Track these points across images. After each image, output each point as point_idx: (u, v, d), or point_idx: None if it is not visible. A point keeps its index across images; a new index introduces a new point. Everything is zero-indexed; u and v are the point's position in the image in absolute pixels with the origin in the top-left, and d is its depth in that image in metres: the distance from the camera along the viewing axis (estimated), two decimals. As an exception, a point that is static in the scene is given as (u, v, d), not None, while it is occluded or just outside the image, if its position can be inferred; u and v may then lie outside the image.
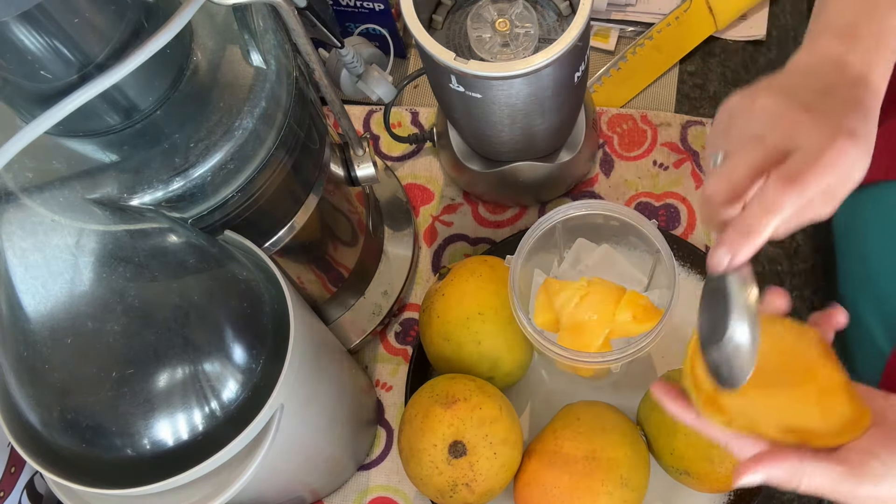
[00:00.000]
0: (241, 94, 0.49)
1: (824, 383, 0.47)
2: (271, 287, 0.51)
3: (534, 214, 0.82)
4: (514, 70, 0.58)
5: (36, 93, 0.43)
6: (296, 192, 0.57)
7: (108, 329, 0.45)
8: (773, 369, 0.47)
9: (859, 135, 0.42)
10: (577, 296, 0.61)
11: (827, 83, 0.44)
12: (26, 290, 0.45)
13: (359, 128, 0.87)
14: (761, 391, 0.46)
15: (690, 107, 0.84)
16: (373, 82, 0.71)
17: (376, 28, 0.84)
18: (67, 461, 0.45)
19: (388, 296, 0.76)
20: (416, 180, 0.84)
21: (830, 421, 0.45)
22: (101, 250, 0.45)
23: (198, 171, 0.47)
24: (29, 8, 0.38)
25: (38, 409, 0.45)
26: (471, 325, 0.66)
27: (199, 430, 0.46)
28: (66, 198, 0.46)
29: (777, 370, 0.47)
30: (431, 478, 0.62)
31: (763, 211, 0.41)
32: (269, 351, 0.49)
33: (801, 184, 0.40)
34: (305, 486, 0.67)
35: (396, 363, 0.77)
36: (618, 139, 0.82)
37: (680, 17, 0.85)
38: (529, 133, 0.68)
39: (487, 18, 0.64)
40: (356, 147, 0.64)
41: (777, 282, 0.75)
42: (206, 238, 0.49)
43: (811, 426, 0.45)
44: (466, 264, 0.69)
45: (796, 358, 0.48)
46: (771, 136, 0.42)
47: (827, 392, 0.46)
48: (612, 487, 0.60)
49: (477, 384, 0.64)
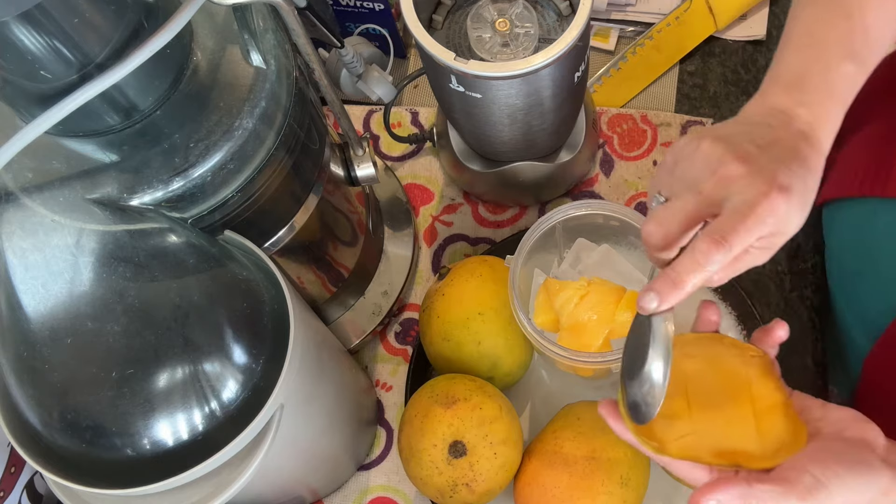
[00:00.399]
0: (241, 94, 0.49)
1: (761, 404, 0.47)
2: (271, 287, 0.51)
3: (534, 214, 0.82)
4: (514, 70, 0.58)
5: (36, 93, 0.43)
6: (296, 192, 0.57)
7: (108, 329, 0.45)
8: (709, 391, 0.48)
9: (793, 190, 0.43)
10: (577, 296, 0.61)
11: (773, 136, 0.45)
12: (26, 290, 0.45)
13: (359, 128, 0.87)
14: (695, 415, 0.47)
15: (690, 107, 0.84)
16: (373, 82, 0.71)
17: (376, 28, 0.84)
18: (67, 461, 0.45)
19: (388, 296, 0.76)
20: (416, 180, 0.84)
21: (766, 443, 0.45)
22: (101, 250, 0.45)
23: (198, 171, 0.47)
24: (29, 8, 0.38)
25: (38, 409, 0.45)
26: (471, 325, 0.66)
27: (199, 430, 0.46)
28: (66, 198, 0.46)
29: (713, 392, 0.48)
30: (431, 478, 0.62)
31: (692, 266, 0.43)
32: (269, 351, 0.49)
33: (728, 243, 0.42)
34: (305, 486, 0.67)
35: (396, 363, 0.77)
36: (618, 139, 0.82)
37: (680, 17, 0.85)
38: (529, 133, 0.68)
39: (487, 18, 0.64)
40: (356, 147, 0.64)
41: (777, 282, 0.75)
42: (206, 238, 0.49)
43: (746, 449, 0.45)
44: (466, 264, 0.69)
45: (733, 379, 0.48)
46: (707, 186, 0.44)
47: (763, 413, 0.46)
48: (612, 487, 0.60)
49: (477, 384, 0.64)
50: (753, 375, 0.48)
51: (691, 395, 0.47)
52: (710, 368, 0.48)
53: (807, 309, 0.75)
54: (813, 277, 0.75)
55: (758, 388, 0.47)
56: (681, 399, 0.47)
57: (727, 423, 0.46)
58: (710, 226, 0.43)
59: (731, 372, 0.48)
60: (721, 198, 0.43)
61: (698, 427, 0.46)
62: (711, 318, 0.51)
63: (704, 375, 0.48)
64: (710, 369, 0.48)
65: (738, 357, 0.49)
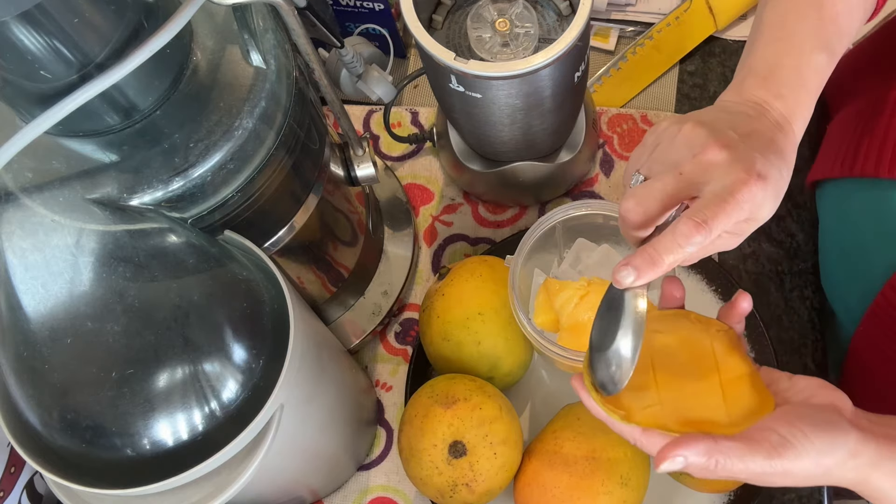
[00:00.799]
0: (241, 94, 0.49)
1: (727, 375, 0.47)
2: (271, 287, 0.51)
3: (534, 214, 0.82)
4: (514, 70, 0.58)
5: (36, 93, 0.43)
6: (296, 192, 0.57)
7: (108, 329, 0.45)
8: (675, 363, 0.48)
9: (770, 179, 0.44)
10: (577, 296, 0.61)
11: (751, 125, 0.47)
12: (26, 290, 0.45)
13: (359, 128, 0.87)
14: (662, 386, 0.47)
15: (690, 107, 0.84)
16: (373, 82, 0.71)
17: (376, 28, 0.84)
18: (67, 461, 0.45)
19: (387, 296, 0.76)
20: (416, 180, 0.84)
21: (733, 411, 0.46)
22: (101, 250, 0.45)
23: (198, 171, 0.47)
24: (29, 8, 0.38)
25: (38, 409, 0.45)
26: (471, 325, 0.66)
27: (199, 430, 0.46)
28: (66, 198, 0.46)
29: (680, 364, 0.48)
30: (431, 478, 0.62)
31: (672, 245, 0.44)
32: (269, 351, 0.49)
33: (709, 226, 0.43)
34: (305, 486, 0.67)
35: (396, 363, 0.77)
36: (618, 139, 0.82)
37: (680, 17, 0.85)
38: (529, 133, 0.68)
39: (487, 18, 0.64)
40: (356, 147, 0.64)
41: (777, 281, 0.75)
42: (206, 238, 0.49)
43: (713, 418, 0.46)
44: (466, 264, 0.69)
45: (700, 352, 0.49)
46: (688, 168, 0.45)
47: (730, 383, 0.47)
48: (612, 487, 0.60)
49: (477, 384, 0.64)
50: (719, 349, 0.49)
51: (658, 367, 0.48)
52: (676, 342, 0.49)
53: (807, 309, 0.75)
54: (813, 277, 0.76)
55: (724, 360, 0.48)
56: (647, 371, 0.48)
57: (694, 393, 0.47)
58: (691, 208, 0.44)
59: (697, 345, 0.49)
60: (701, 181, 0.44)
61: (664, 396, 0.46)
62: (675, 294, 0.52)
63: (671, 348, 0.49)
64: (677, 343, 0.49)
65: (703, 332, 0.50)
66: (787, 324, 0.74)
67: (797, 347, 0.74)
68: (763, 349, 0.71)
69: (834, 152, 0.67)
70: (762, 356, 0.71)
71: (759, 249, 0.76)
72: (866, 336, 0.63)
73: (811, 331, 0.74)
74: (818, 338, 0.74)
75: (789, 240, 0.77)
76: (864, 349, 0.64)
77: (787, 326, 0.74)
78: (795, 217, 0.77)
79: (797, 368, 0.73)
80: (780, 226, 0.77)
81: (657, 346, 0.49)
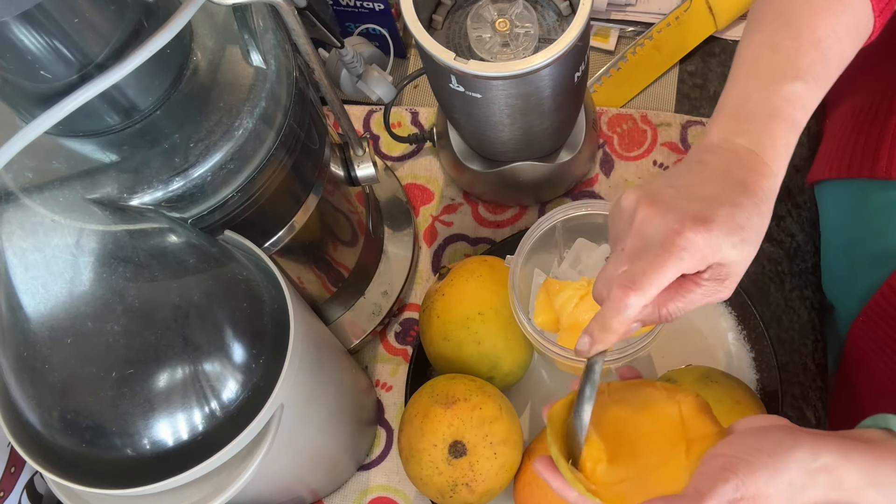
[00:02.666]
0: (241, 94, 0.49)
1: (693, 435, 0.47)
2: (271, 287, 0.51)
3: (534, 214, 0.82)
4: (514, 70, 0.58)
5: (36, 93, 0.43)
6: (296, 192, 0.57)
7: (108, 329, 0.45)
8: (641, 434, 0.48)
9: (715, 219, 0.42)
10: (577, 296, 0.61)
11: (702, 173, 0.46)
12: (26, 290, 0.45)
13: (359, 128, 0.87)
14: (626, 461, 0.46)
15: (691, 107, 0.84)
16: (373, 82, 0.71)
17: (376, 28, 0.84)
18: (67, 461, 0.45)
19: (388, 296, 0.76)
20: (416, 180, 0.84)
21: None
22: (101, 250, 0.45)
23: (198, 171, 0.47)
24: (29, 8, 0.38)
25: (38, 409, 0.45)
26: (471, 325, 0.66)
27: (199, 430, 0.46)
28: (66, 198, 0.46)
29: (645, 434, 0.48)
30: (431, 478, 0.62)
31: (613, 312, 0.44)
32: (269, 351, 0.49)
33: (639, 286, 0.42)
34: (305, 486, 0.67)
35: (396, 363, 0.77)
36: (618, 139, 0.82)
37: (680, 17, 0.85)
38: (529, 133, 0.68)
39: (487, 18, 0.64)
40: (356, 147, 0.64)
41: (777, 282, 0.75)
42: (206, 238, 0.49)
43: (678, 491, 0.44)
44: (466, 264, 0.69)
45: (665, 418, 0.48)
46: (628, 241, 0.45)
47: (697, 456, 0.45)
48: (612, 487, 0.60)
49: (477, 384, 0.64)
50: (686, 413, 0.48)
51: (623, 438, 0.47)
52: (642, 411, 0.49)
53: (807, 309, 0.75)
54: (813, 277, 0.75)
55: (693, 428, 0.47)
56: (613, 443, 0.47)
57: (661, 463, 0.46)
58: (622, 272, 0.44)
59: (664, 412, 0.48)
60: (641, 246, 0.44)
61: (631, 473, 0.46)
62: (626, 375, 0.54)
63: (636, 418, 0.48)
64: (642, 412, 0.49)
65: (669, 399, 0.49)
66: (787, 324, 0.74)
67: (797, 347, 0.74)
68: (763, 349, 0.71)
69: (833, 152, 0.67)
70: (762, 356, 0.71)
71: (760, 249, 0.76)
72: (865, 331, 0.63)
73: (811, 331, 0.74)
74: (818, 338, 0.74)
75: (789, 240, 0.77)
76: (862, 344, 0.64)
77: (787, 326, 0.74)
78: (795, 217, 0.77)
79: (797, 368, 0.73)
80: (780, 226, 0.77)
81: (622, 416, 0.49)
